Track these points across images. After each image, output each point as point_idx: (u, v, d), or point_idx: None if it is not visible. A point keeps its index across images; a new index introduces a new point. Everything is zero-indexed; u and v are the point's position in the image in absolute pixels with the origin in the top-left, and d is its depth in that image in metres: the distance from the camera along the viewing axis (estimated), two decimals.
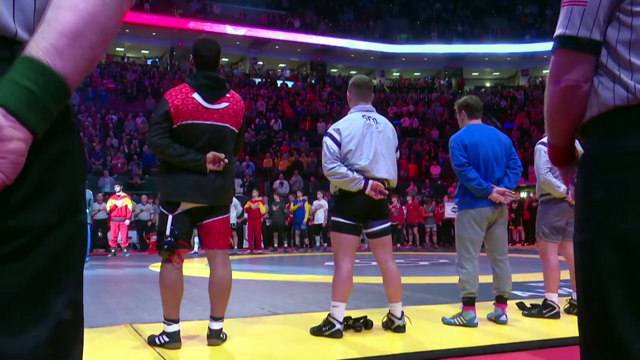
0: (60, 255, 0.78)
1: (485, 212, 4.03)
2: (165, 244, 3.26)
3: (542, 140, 4.53)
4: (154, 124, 3.29)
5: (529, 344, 3.49)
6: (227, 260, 3.45)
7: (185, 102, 3.27)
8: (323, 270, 9.20)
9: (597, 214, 1.11)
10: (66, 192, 0.79)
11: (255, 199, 14.90)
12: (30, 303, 0.74)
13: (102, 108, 21.90)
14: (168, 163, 3.32)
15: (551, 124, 1.28)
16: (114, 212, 13.25)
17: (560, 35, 1.17)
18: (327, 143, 3.71)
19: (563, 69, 1.18)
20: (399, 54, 33.96)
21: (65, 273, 0.79)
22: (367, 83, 4.03)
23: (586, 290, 1.15)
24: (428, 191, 20.00)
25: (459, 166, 4.06)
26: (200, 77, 3.36)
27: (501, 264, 4.10)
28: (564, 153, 1.33)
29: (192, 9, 30.51)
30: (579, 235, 1.16)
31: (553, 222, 4.44)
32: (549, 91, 1.22)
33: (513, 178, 4.18)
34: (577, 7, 1.14)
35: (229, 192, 3.46)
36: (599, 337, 1.11)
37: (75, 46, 0.73)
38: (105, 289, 7.03)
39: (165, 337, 3.29)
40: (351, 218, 3.69)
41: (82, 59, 0.75)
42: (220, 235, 3.42)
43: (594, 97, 1.15)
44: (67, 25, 0.73)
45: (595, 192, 1.12)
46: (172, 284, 3.30)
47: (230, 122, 3.40)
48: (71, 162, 0.80)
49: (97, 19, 0.75)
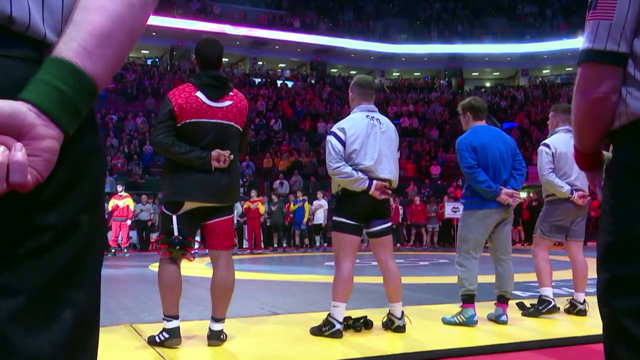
0: (81, 254, 0.79)
1: (493, 213, 4.05)
2: (177, 244, 3.27)
3: (544, 142, 4.53)
4: (159, 123, 3.30)
5: (529, 344, 3.49)
6: (230, 262, 3.45)
7: (189, 101, 3.27)
8: (323, 270, 9.20)
9: (625, 218, 1.14)
10: (89, 192, 0.80)
11: (254, 199, 14.90)
12: (50, 301, 0.75)
13: (102, 108, 21.87)
14: (173, 163, 3.32)
15: (579, 133, 1.32)
16: (116, 212, 13.26)
17: (588, 50, 1.19)
18: (331, 142, 3.71)
19: (591, 82, 1.20)
20: (399, 54, 33.96)
21: (86, 271, 0.81)
22: (370, 83, 4.03)
23: (607, 292, 1.16)
24: (428, 191, 20.00)
25: (468, 168, 4.06)
26: (203, 76, 3.36)
27: (504, 263, 4.11)
28: (592, 159, 1.36)
29: (192, 9, 30.51)
30: (604, 237, 1.19)
31: (556, 221, 4.46)
32: (577, 102, 1.25)
33: (519, 179, 4.20)
34: (604, 21, 1.16)
35: (234, 191, 3.46)
36: (618, 338, 1.13)
37: (104, 47, 0.75)
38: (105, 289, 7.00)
39: (165, 334, 3.29)
40: (353, 218, 3.69)
41: (111, 59, 0.77)
42: (224, 236, 3.42)
43: (622, 106, 1.17)
44: (96, 27, 0.75)
45: (625, 197, 1.15)
46: (171, 281, 3.31)
47: (235, 121, 3.40)
48: (95, 162, 0.82)
49: (125, 20, 0.77)
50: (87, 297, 0.81)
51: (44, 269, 0.74)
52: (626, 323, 1.09)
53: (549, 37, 33.07)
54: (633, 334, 1.08)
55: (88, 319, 0.82)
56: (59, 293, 0.76)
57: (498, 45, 33.75)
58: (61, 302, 0.76)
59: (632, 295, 1.10)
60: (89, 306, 0.82)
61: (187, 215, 3.34)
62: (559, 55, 32.65)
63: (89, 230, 0.80)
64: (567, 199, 4.39)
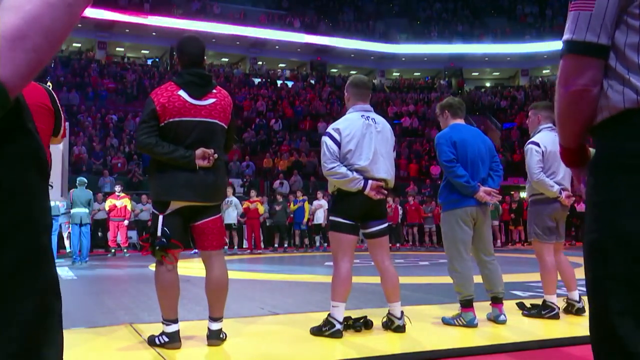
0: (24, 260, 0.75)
1: (471, 211, 4.02)
2: (158, 244, 3.25)
3: (532, 140, 4.48)
4: (141, 123, 3.28)
5: (528, 344, 3.49)
6: (222, 261, 3.44)
7: (172, 100, 3.25)
8: (323, 270, 9.20)
9: (607, 215, 1.12)
10: (27, 198, 0.76)
11: (253, 199, 14.90)
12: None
13: (102, 108, 21.89)
14: (158, 162, 3.30)
15: (562, 127, 1.30)
16: (113, 212, 13.25)
17: (568, 40, 1.18)
18: (326, 143, 3.71)
19: (572, 73, 1.19)
20: (399, 54, 33.95)
21: (30, 277, 0.76)
22: (366, 83, 4.02)
23: (594, 290, 1.16)
24: (428, 191, 19.99)
25: (447, 162, 4.03)
26: (185, 74, 3.34)
27: (490, 265, 4.08)
28: (576, 154, 1.34)
29: (192, 9, 30.51)
30: (588, 235, 1.17)
31: (546, 222, 4.40)
32: (559, 96, 1.23)
33: (497, 180, 4.18)
34: (584, 12, 1.14)
35: (220, 189, 3.43)
36: (604, 337, 1.12)
37: (16, 50, 0.69)
38: (105, 289, 7.03)
39: (165, 337, 3.29)
40: (350, 218, 3.69)
41: (25, 63, 0.70)
42: (213, 236, 3.41)
43: (603, 100, 1.16)
44: (8, 28, 0.69)
45: (606, 194, 1.13)
46: (168, 284, 3.29)
47: (219, 118, 3.38)
48: (31, 167, 0.77)
49: (42, 22, 0.71)
50: (38, 303, 0.78)
51: None
52: (613, 322, 1.08)
53: (549, 37, 33.04)
54: (618, 334, 1.07)
55: (44, 323, 0.79)
56: (3, 301, 0.73)
57: (498, 45, 33.74)
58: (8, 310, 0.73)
59: (618, 294, 1.08)
60: (42, 311, 0.78)
61: (175, 215, 3.32)
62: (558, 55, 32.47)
63: (31, 236, 0.76)
64: (555, 199, 4.36)
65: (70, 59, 26.24)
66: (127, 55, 30.10)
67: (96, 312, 4.87)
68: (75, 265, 10.47)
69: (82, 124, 19.82)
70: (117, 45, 30.73)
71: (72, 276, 8.27)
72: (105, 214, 13.71)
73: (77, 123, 19.58)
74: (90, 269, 9.87)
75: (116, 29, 28.75)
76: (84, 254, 11.01)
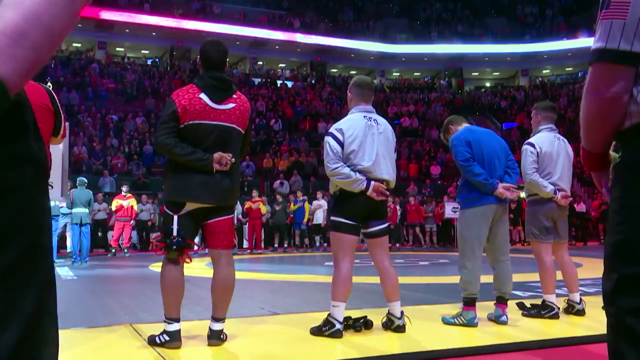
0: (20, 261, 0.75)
1: (492, 208, 4.03)
2: (174, 244, 3.27)
3: (528, 141, 4.49)
4: (161, 124, 3.30)
5: (528, 344, 3.49)
6: (231, 261, 3.46)
7: (193, 102, 3.28)
8: (323, 270, 9.20)
9: (634, 217, 1.14)
10: (23, 198, 0.75)
11: (255, 199, 14.90)
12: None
13: (102, 108, 21.89)
14: (175, 163, 3.32)
15: (589, 133, 1.31)
16: (119, 212, 13.26)
17: (601, 49, 1.18)
18: (329, 143, 3.71)
19: (604, 81, 1.19)
20: (399, 54, 33.95)
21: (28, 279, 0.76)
22: (369, 84, 4.03)
23: (618, 291, 1.16)
24: (428, 191, 20.00)
25: (464, 161, 4.04)
26: (207, 77, 3.37)
27: (503, 264, 4.10)
28: (599, 159, 1.35)
29: (192, 9, 30.51)
30: (614, 236, 1.19)
31: (542, 222, 4.41)
32: (588, 102, 1.24)
33: (514, 176, 4.20)
34: (617, 20, 1.15)
35: (235, 193, 3.47)
36: (623, 334, 1.13)
37: (17, 47, 0.69)
38: (105, 289, 7.03)
39: (165, 336, 3.29)
40: (351, 218, 3.69)
41: (24, 60, 0.70)
42: (224, 235, 3.43)
43: (633, 106, 1.17)
44: (8, 25, 0.69)
45: (634, 197, 1.15)
46: (173, 283, 3.31)
47: (237, 123, 3.41)
48: (28, 167, 0.76)
49: (42, 19, 0.71)
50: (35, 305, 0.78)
51: None
52: (632, 322, 1.10)
53: (549, 37, 33.07)
54: (639, 333, 1.08)
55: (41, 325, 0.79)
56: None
57: (498, 45, 33.74)
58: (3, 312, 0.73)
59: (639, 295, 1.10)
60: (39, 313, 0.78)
61: (188, 216, 3.35)
62: (559, 55, 32.68)
63: (27, 238, 0.76)
64: (550, 199, 4.36)
65: (70, 59, 26.23)
66: (127, 55, 30.09)
67: (96, 312, 4.87)
68: (75, 265, 10.47)
69: (82, 124, 19.82)
70: (117, 45, 30.72)
71: (72, 276, 8.26)
72: (105, 214, 13.72)
73: (77, 123, 19.58)
74: (90, 269, 9.87)
75: (116, 29, 28.75)
76: (84, 254, 11.01)
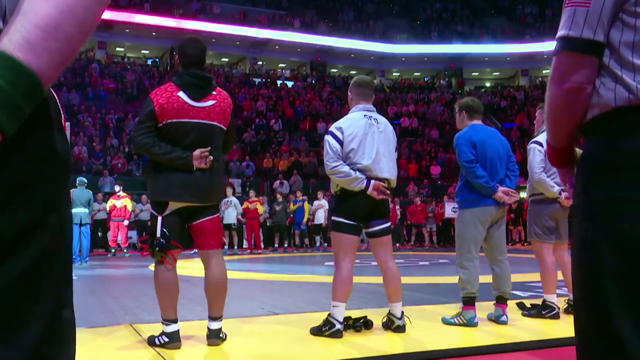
0: (43, 258, 0.75)
1: (490, 211, 4.04)
2: (157, 245, 3.25)
3: (535, 139, 4.49)
4: (139, 123, 3.29)
5: (528, 344, 3.49)
6: (220, 260, 3.44)
7: (171, 101, 3.25)
8: (323, 270, 9.20)
9: (599, 213, 1.11)
10: (45, 192, 0.75)
11: (252, 199, 14.89)
12: (12, 310, 0.72)
13: (102, 108, 21.89)
14: (154, 163, 3.31)
15: (553, 125, 1.28)
16: (113, 212, 13.27)
17: (564, 37, 1.16)
18: (329, 142, 3.71)
19: (566, 71, 1.17)
20: (399, 54, 33.95)
21: (49, 276, 0.77)
22: (369, 83, 4.03)
23: (584, 289, 1.14)
24: (427, 191, 20.00)
25: (467, 162, 4.04)
26: (185, 75, 3.34)
27: (501, 264, 4.10)
28: (564, 154, 1.33)
29: (192, 9, 30.51)
30: (579, 233, 1.16)
31: (545, 222, 4.41)
32: (552, 93, 1.21)
33: (513, 180, 4.20)
34: (581, 8, 1.13)
35: (216, 190, 3.45)
36: (596, 336, 1.11)
37: (50, 40, 0.69)
38: (105, 289, 7.03)
39: (165, 338, 3.29)
40: (352, 218, 3.69)
41: (58, 53, 0.70)
42: (211, 235, 3.41)
43: (595, 97, 1.15)
44: (42, 18, 0.69)
45: (597, 192, 1.12)
46: (167, 284, 3.30)
47: (218, 120, 3.38)
48: (51, 161, 0.76)
49: (75, 11, 0.71)
50: (55, 299, 0.78)
51: (1, 277, 0.70)
52: (610, 322, 1.07)
53: (549, 37, 32.99)
54: (617, 335, 1.06)
55: (60, 319, 0.79)
56: (23, 301, 0.73)
57: (498, 45, 33.72)
58: (26, 309, 0.73)
59: (614, 293, 1.07)
60: (59, 307, 0.78)
61: (173, 216, 3.32)
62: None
63: (50, 234, 0.76)
64: (555, 200, 4.36)
65: None
66: (127, 55, 30.09)
67: (96, 312, 4.87)
68: (75, 265, 10.47)
69: (82, 124, 19.81)
70: (117, 45, 30.72)
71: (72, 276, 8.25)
72: (106, 214, 13.72)
73: (77, 123, 19.58)
74: (90, 269, 9.88)
75: (116, 29, 28.74)
76: (84, 254, 11.02)
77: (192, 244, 3.63)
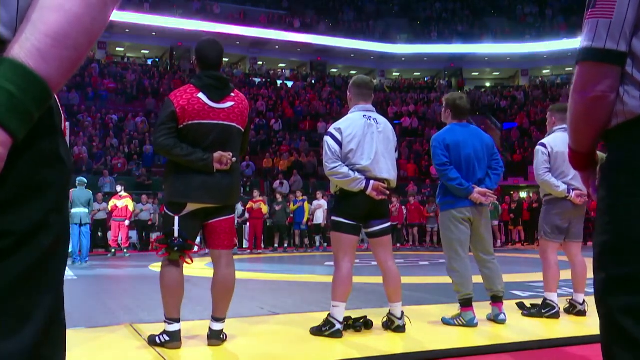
0: (44, 258, 0.77)
1: (466, 211, 4.04)
2: (176, 245, 3.26)
3: (541, 142, 4.53)
4: (160, 125, 3.29)
5: (528, 344, 3.49)
6: (231, 261, 3.45)
7: (191, 102, 3.27)
8: (323, 270, 9.20)
9: (621, 217, 1.14)
10: (50, 194, 0.78)
11: (256, 199, 14.89)
12: (14, 306, 0.73)
13: (102, 108, 21.89)
14: (175, 164, 3.32)
15: (575, 132, 1.31)
16: (115, 212, 13.27)
17: (587, 48, 1.18)
18: (328, 142, 3.71)
19: (590, 80, 1.19)
20: (399, 54, 33.95)
21: (49, 275, 0.79)
22: (368, 83, 4.03)
23: (606, 292, 1.16)
24: (428, 191, 20.00)
25: (440, 165, 4.06)
26: (204, 77, 3.37)
27: (489, 264, 4.09)
28: (586, 159, 1.35)
29: (192, 9, 30.50)
30: (601, 237, 1.19)
31: (556, 221, 4.42)
32: (575, 101, 1.24)
33: (494, 179, 4.19)
34: (603, 19, 1.15)
35: (236, 192, 3.47)
36: (617, 338, 1.13)
37: (59, 48, 0.72)
38: (105, 289, 7.03)
39: (166, 337, 3.29)
40: (352, 218, 3.69)
41: (66, 60, 0.74)
42: (225, 235, 3.43)
43: (619, 105, 1.17)
44: (51, 27, 0.72)
45: (620, 197, 1.14)
46: (173, 284, 3.30)
47: (237, 121, 3.41)
48: (55, 164, 0.79)
49: (83, 20, 0.74)
50: (53, 299, 0.80)
51: (4, 273, 0.72)
52: (624, 322, 1.09)
53: (549, 37, 33.04)
54: (630, 333, 1.08)
55: (56, 319, 0.81)
56: (23, 298, 0.75)
57: (498, 45, 33.72)
58: (25, 307, 0.75)
59: (630, 295, 1.10)
60: (56, 307, 0.80)
61: (190, 216, 3.34)
62: (559, 55, 32.63)
63: (52, 234, 0.78)
64: (565, 198, 4.37)
65: None
66: (127, 55, 30.09)
67: (96, 312, 4.87)
68: (75, 265, 10.47)
69: (82, 124, 19.82)
70: (117, 45, 30.72)
71: (72, 276, 8.25)
72: (106, 214, 13.72)
73: (77, 123, 19.58)
74: (90, 269, 9.87)
75: (116, 29, 28.72)
76: (84, 254, 11.02)
77: (203, 242, 3.66)
